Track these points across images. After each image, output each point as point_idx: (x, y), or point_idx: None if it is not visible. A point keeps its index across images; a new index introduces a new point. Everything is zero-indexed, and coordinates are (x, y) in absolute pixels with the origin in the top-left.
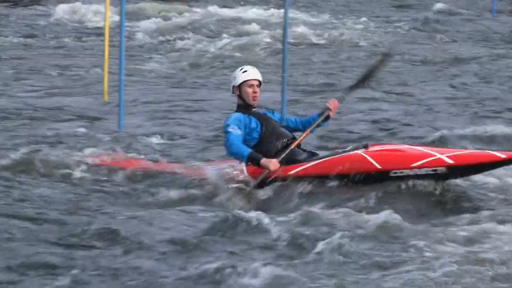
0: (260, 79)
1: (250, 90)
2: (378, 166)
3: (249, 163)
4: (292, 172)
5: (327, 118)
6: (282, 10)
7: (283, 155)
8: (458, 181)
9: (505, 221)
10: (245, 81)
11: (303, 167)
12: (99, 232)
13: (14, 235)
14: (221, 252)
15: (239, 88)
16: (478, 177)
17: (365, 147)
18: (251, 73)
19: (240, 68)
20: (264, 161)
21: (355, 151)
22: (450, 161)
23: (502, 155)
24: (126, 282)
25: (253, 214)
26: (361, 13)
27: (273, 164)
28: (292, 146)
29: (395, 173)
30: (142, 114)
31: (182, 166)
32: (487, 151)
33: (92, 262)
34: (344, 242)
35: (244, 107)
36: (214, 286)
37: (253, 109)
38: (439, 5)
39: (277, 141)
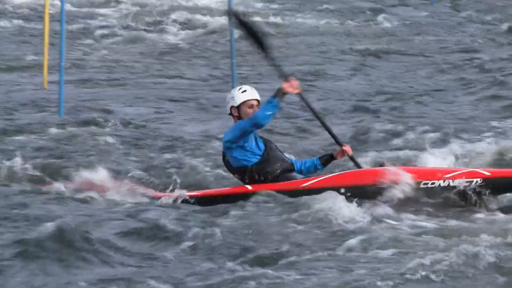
0: (259, 98)
1: (250, 111)
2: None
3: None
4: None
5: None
6: None
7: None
8: None
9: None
10: (244, 102)
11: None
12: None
13: None
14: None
15: (237, 109)
16: None
17: (382, 165)
18: (251, 93)
19: (238, 88)
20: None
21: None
22: (487, 173)
23: None
24: None
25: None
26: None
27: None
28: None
29: (426, 184)
30: (83, 102)
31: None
32: None
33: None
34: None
35: None
36: None
37: None
38: None
39: (278, 164)
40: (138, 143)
